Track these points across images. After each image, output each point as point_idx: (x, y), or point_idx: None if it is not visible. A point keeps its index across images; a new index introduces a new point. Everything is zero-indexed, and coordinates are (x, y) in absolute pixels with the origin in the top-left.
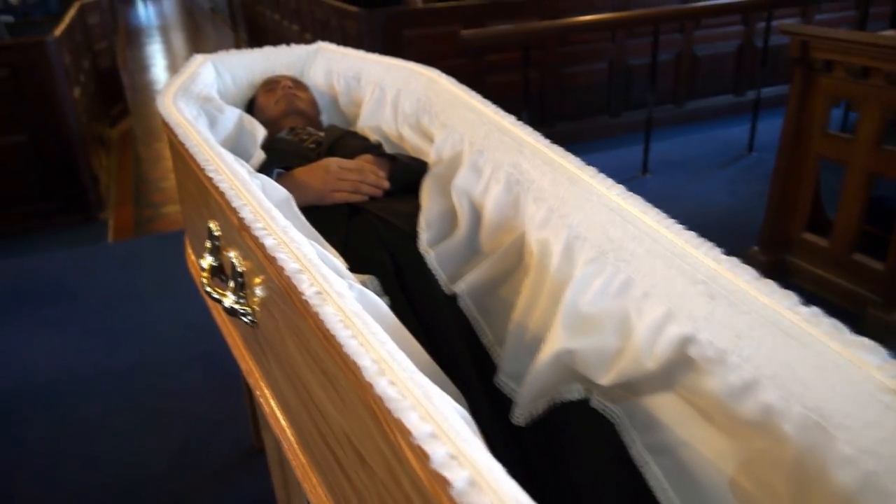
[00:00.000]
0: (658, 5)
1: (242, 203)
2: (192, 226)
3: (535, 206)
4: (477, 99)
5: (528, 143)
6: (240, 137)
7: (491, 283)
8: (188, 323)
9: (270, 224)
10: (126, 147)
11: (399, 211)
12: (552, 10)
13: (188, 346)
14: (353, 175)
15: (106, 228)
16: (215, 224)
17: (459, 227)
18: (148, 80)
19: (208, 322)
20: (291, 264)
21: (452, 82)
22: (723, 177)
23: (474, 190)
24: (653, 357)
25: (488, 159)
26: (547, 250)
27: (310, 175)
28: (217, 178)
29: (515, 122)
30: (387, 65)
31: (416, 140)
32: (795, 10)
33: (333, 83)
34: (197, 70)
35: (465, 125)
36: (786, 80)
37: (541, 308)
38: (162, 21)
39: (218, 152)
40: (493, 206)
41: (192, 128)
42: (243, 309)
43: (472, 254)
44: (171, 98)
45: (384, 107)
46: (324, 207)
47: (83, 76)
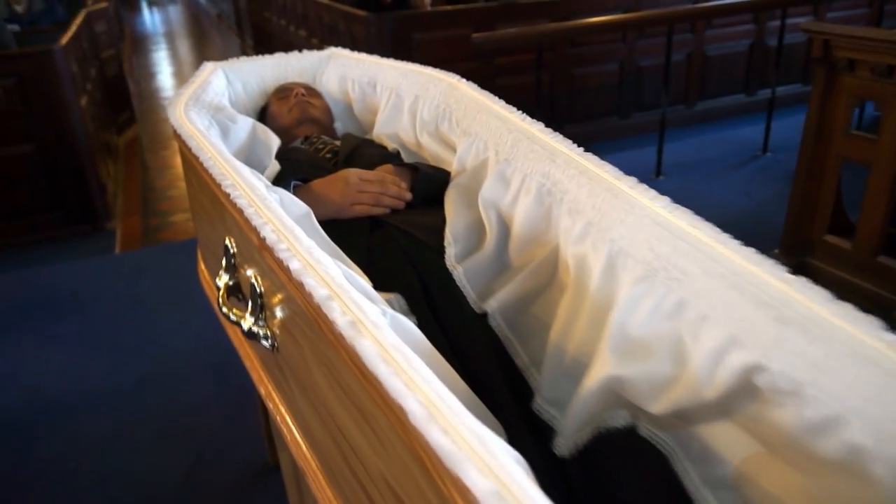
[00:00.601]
0: (668, 5)
1: (263, 222)
2: (206, 239)
3: (570, 218)
4: (500, 105)
5: (560, 152)
6: (253, 147)
7: (523, 301)
8: (198, 335)
9: (294, 245)
10: (133, 155)
11: (423, 224)
12: (563, 12)
13: (199, 359)
14: (374, 187)
15: (113, 238)
16: (231, 241)
17: (487, 241)
18: (154, 88)
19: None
20: (320, 290)
21: (473, 88)
22: (738, 178)
23: (502, 201)
24: (712, 386)
25: (517, 169)
26: (585, 267)
27: (329, 187)
28: (235, 195)
29: (544, 129)
30: (403, 70)
31: (436, 148)
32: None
33: (347, 90)
34: (208, 78)
35: (489, 133)
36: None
37: (581, 329)
38: (168, 28)
39: (234, 166)
40: (522, 219)
41: (206, 140)
42: (263, 332)
43: (501, 269)
44: (182, 108)
45: (401, 113)
46: (344, 221)
47: (90, 84)
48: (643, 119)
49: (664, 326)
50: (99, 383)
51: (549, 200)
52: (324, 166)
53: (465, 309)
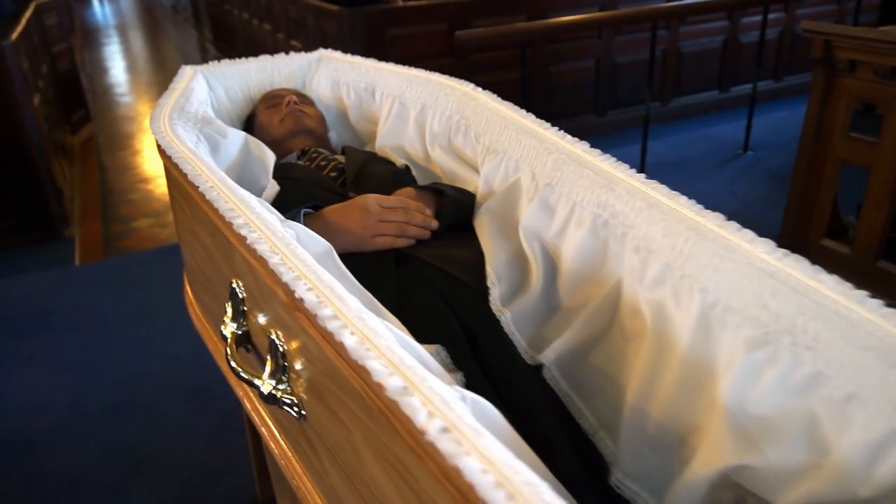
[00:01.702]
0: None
1: (295, 276)
2: (199, 272)
3: (637, 257)
4: (531, 119)
5: (619, 179)
6: (246, 165)
7: (581, 350)
8: (171, 355)
9: (342, 309)
10: (89, 155)
11: (458, 259)
12: (539, 8)
13: (174, 381)
14: (398, 215)
15: (73, 247)
16: (240, 285)
17: (534, 279)
18: (108, 83)
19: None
20: (393, 381)
21: (493, 98)
22: (722, 178)
23: (546, 232)
24: (869, 483)
25: (563, 196)
26: (666, 317)
27: (346, 217)
28: (252, 238)
29: (590, 149)
30: (408, 77)
31: (451, 164)
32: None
33: (342, 96)
34: (189, 85)
35: (521, 151)
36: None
37: (668, 391)
38: (119, 20)
39: (241, 197)
40: (573, 253)
41: (202, 163)
42: (289, 399)
43: (549, 311)
44: (167, 122)
45: (406, 124)
46: (365, 256)
47: (42, 81)
48: (620, 116)
49: (795, 403)
50: (63, 412)
51: (606, 233)
52: (329, 186)
53: (517, 361)
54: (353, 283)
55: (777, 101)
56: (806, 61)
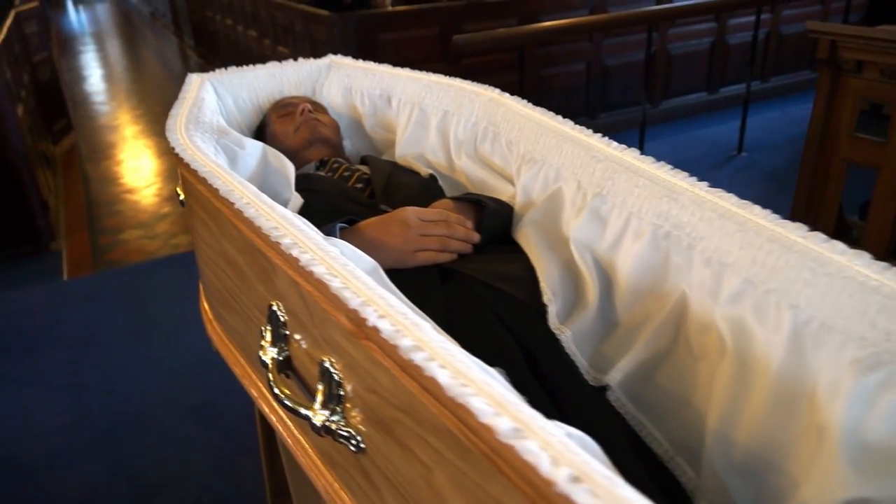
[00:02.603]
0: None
1: (362, 301)
2: (222, 290)
3: (708, 270)
4: (569, 126)
5: (681, 189)
6: (266, 177)
7: (646, 370)
8: (171, 371)
9: (422, 338)
10: (72, 166)
11: (508, 274)
12: (530, 11)
13: (175, 400)
14: (439, 229)
15: (60, 260)
16: (281, 307)
17: (590, 294)
18: (87, 92)
19: (194, 367)
20: (504, 423)
21: (523, 103)
22: (719, 180)
23: (599, 244)
24: None
25: (615, 206)
26: (748, 335)
27: (385, 231)
28: (305, 259)
29: (641, 156)
30: (427, 83)
31: (478, 172)
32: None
33: (355, 103)
34: (199, 94)
35: (562, 159)
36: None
37: (754, 413)
38: (96, 27)
39: (282, 214)
40: (631, 267)
41: (233, 177)
42: (345, 432)
43: (608, 327)
44: (184, 133)
45: (427, 132)
46: (407, 272)
47: (24, 91)
48: (610, 119)
49: None
50: (62, 434)
51: (668, 245)
52: (357, 198)
53: (581, 383)
54: (405, 303)
55: (765, 102)
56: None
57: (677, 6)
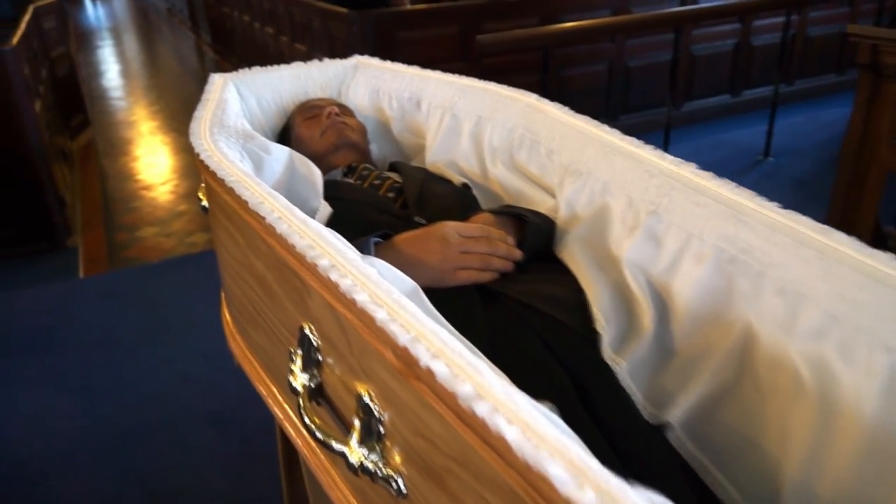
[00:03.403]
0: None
1: (412, 337)
2: (248, 305)
3: (781, 301)
4: (617, 136)
5: (749, 210)
6: (293, 184)
7: (709, 407)
8: (186, 375)
9: (482, 384)
10: (89, 161)
11: (556, 297)
12: (551, 10)
13: (190, 405)
14: (481, 246)
15: (76, 257)
16: (313, 330)
17: (645, 321)
18: (104, 87)
19: (209, 372)
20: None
21: (563, 110)
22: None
23: (654, 266)
24: None
25: (672, 225)
26: (832, 375)
27: (423, 248)
28: (346, 285)
29: (699, 171)
30: (460, 86)
31: (514, 181)
32: None
33: (383, 106)
34: (223, 96)
35: (610, 172)
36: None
37: (841, 464)
38: (113, 22)
39: (317, 230)
40: (691, 292)
41: (262, 188)
42: (384, 473)
43: (664, 357)
44: (209, 138)
45: (459, 138)
46: (445, 293)
47: (42, 87)
48: (631, 121)
49: None
50: (74, 439)
51: (733, 271)
52: (389, 209)
53: (638, 420)
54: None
55: (791, 106)
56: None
57: (704, 7)
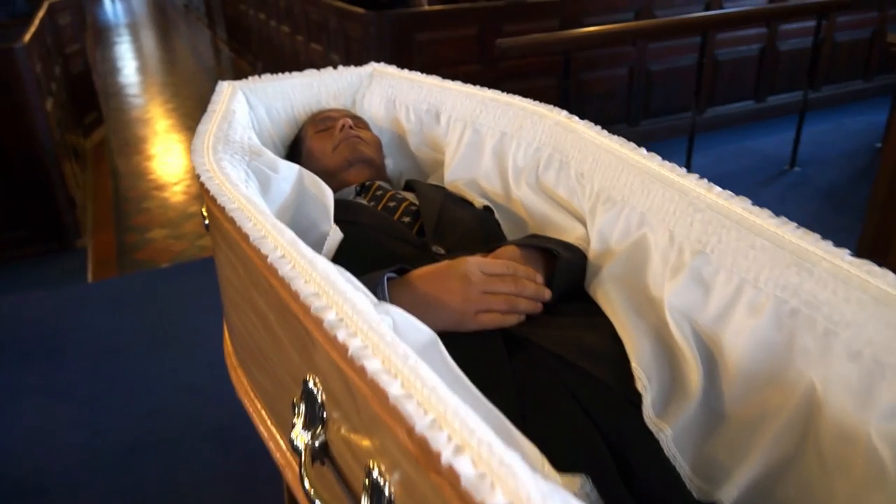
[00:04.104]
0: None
1: (433, 419)
2: (250, 342)
3: (855, 367)
4: (656, 161)
5: (815, 257)
6: (302, 205)
7: (766, 482)
8: (192, 387)
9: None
10: (101, 160)
11: (590, 347)
12: (571, 13)
13: (195, 419)
14: (506, 286)
15: (85, 258)
16: (318, 384)
17: (693, 379)
18: (120, 84)
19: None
20: None
21: (595, 130)
22: (770, 197)
23: (701, 314)
24: None
25: (722, 269)
26: None
27: (441, 286)
28: (356, 348)
29: (752, 208)
30: (482, 99)
31: (540, 205)
32: None
33: (399, 118)
34: (230, 106)
35: (648, 202)
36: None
37: None
38: (131, 18)
39: (324, 272)
40: (744, 347)
41: (266, 219)
42: None
43: (712, 420)
44: (212, 157)
45: (481, 155)
46: (466, 340)
47: (55, 84)
48: (652, 127)
49: None
50: (77, 453)
51: (794, 325)
52: (404, 236)
53: (687, 499)
54: (465, 386)
55: (817, 113)
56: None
57: (730, 12)
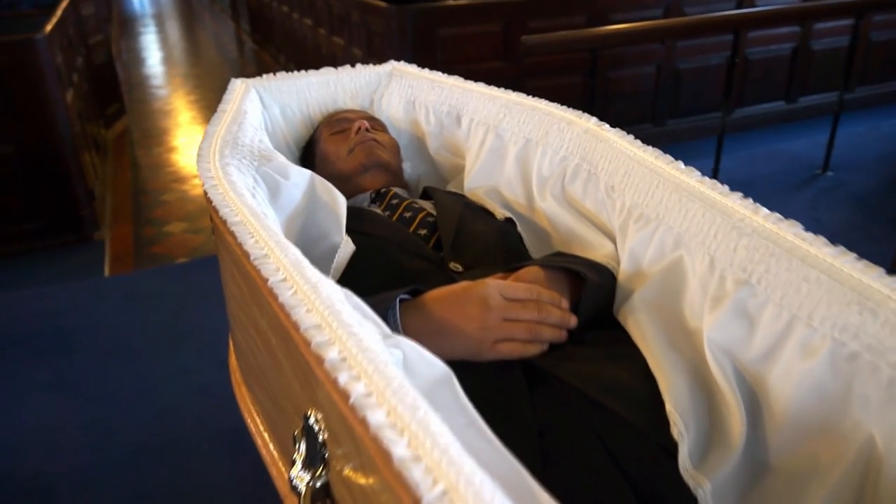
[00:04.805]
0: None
1: (443, 491)
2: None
3: None
4: (695, 177)
5: (879, 294)
6: (312, 214)
7: None
8: (203, 389)
9: None
10: (122, 151)
11: (618, 385)
12: (598, 9)
13: (205, 421)
14: (528, 312)
15: (102, 251)
16: (320, 419)
17: (733, 426)
18: (144, 74)
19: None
20: None
21: (628, 140)
22: (802, 202)
23: (744, 352)
24: None
25: (770, 302)
26: None
27: (458, 312)
28: (358, 394)
29: (805, 234)
30: (506, 102)
31: (565, 218)
32: None
33: (419, 120)
34: (241, 106)
35: (686, 222)
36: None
37: None
38: (157, 9)
39: (328, 300)
40: (794, 391)
41: (269, 236)
42: None
43: (756, 474)
44: (218, 163)
45: (503, 161)
46: (483, 372)
47: (76, 75)
48: (679, 127)
49: None
50: (85, 453)
51: (852, 370)
52: (420, 251)
53: None
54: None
55: (851, 115)
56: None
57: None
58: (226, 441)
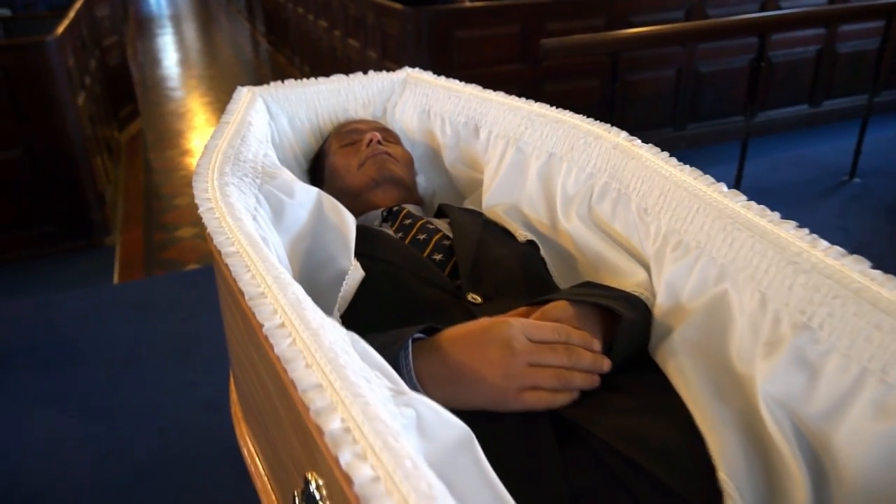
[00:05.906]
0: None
1: None
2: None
3: None
4: (740, 202)
5: None
6: (319, 236)
7: None
8: (210, 403)
9: None
10: (135, 154)
11: (661, 444)
12: (618, 11)
13: (212, 438)
14: (557, 357)
15: (112, 257)
16: (321, 483)
17: (794, 493)
18: (160, 76)
19: None
20: None
21: (662, 157)
22: (829, 210)
23: (807, 408)
24: None
25: (835, 351)
26: None
27: (478, 356)
28: (362, 478)
29: (877, 273)
30: (527, 113)
31: (592, 241)
32: None
33: (434, 131)
34: (245, 117)
35: (731, 252)
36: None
37: None
38: (174, 10)
39: (330, 355)
40: (865, 455)
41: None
42: None
43: None
44: (217, 182)
45: (525, 177)
46: (507, 425)
47: (88, 78)
48: (699, 131)
49: None
50: (89, 472)
51: None
52: (435, 280)
53: None
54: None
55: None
56: None
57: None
58: (230, 459)
